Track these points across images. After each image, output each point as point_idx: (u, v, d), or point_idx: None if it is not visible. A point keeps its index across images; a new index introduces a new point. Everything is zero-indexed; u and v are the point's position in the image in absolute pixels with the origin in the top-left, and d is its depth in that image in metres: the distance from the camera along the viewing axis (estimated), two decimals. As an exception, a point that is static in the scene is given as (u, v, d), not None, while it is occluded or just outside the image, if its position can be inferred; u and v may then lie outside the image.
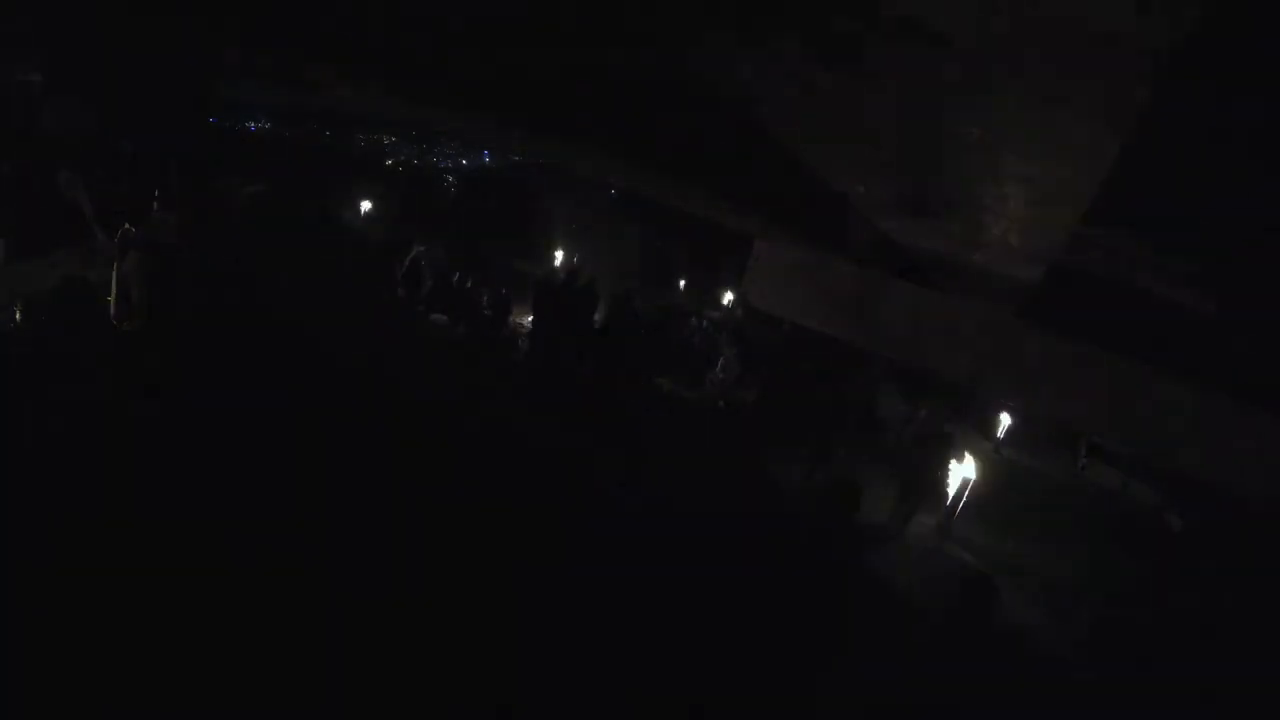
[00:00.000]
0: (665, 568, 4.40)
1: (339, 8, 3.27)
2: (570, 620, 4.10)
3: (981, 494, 7.17)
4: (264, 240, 8.15)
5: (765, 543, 4.80)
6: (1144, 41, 1.61)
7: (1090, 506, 9.64)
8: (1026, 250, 4.52)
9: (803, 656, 4.00)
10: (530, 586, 4.31)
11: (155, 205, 6.89)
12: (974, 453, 6.99)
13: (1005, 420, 10.88)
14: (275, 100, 17.08)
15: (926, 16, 1.90)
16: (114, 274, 6.12)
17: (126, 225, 6.24)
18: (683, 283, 18.24)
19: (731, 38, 2.60)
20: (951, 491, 6.97)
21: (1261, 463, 6.69)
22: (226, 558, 3.78)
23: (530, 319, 9.66)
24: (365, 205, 14.75)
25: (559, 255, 13.87)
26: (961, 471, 6.94)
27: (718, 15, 2.45)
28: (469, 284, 10.36)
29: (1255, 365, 5.94)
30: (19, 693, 2.91)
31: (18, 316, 5.92)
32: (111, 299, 6.11)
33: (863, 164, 4.21)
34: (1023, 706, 4.76)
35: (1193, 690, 5.52)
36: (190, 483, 4.32)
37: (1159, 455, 8.81)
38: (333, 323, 7.55)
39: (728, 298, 16.08)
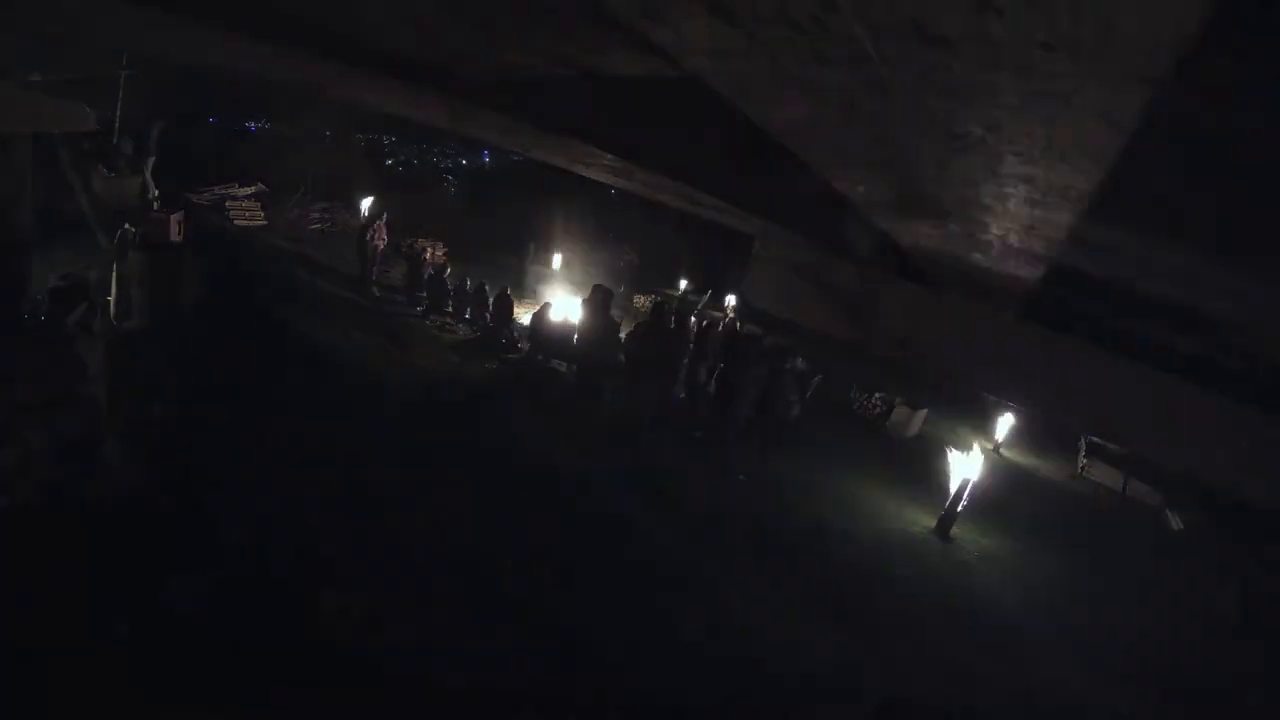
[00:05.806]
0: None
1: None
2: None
3: (981, 494, 7.16)
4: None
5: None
6: (1144, 41, 1.61)
7: (1090, 506, 9.63)
8: (1026, 250, 4.52)
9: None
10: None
11: (155, 205, 6.89)
12: (974, 453, 6.97)
13: (1005, 420, 10.86)
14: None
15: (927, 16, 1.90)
16: (114, 274, 6.12)
17: (126, 225, 6.24)
18: (684, 283, 18.21)
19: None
20: (952, 491, 6.96)
21: (1261, 462, 6.70)
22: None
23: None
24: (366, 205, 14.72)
25: (558, 256, 13.85)
26: (962, 471, 6.92)
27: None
28: (469, 284, 10.34)
29: (1254, 362, 5.92)
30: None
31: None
32: (111, 299, 6.11)
33: (863, 164, 4.21)
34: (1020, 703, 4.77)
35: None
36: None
37: (1158, 455, 8.82)
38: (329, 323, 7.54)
39: (729, 298, 16.05)
